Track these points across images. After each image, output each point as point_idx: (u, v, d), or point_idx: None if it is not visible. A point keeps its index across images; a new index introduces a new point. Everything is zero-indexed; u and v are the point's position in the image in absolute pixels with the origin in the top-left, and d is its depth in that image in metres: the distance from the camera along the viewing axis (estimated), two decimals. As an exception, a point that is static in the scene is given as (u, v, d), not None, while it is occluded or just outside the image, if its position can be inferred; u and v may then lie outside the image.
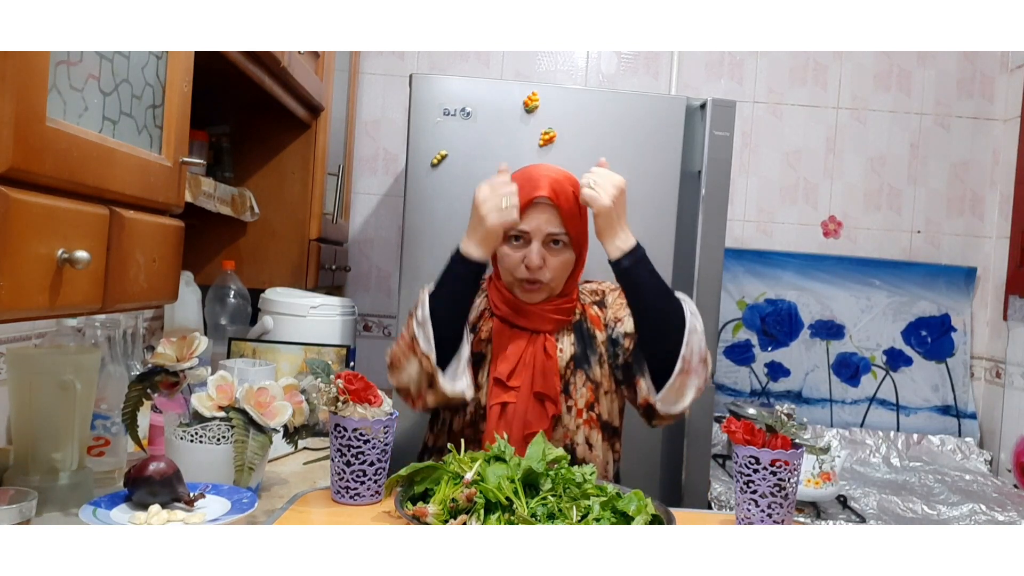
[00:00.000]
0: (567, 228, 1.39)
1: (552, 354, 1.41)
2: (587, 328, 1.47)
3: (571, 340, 1.45)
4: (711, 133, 1.99)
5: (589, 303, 1.50)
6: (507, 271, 1.42)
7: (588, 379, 1.44)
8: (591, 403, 1.43)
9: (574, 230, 1.40)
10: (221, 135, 2.02)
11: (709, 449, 2.02)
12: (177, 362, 1.27)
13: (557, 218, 1.38)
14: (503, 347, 1.41)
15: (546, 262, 1.39)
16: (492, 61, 2.73)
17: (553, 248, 1.40)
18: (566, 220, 1.38)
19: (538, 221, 1.38)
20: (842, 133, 2.77)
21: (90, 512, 1.04)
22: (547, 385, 1.39)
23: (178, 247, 1.18)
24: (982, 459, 2.59)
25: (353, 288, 2.77)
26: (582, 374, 1.43)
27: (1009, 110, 2.71)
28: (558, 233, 1.39)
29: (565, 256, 1.41)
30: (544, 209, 1.38)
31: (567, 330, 1.46)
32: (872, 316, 2.74)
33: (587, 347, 1.45)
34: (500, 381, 1.39)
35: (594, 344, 1.46)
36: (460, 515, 1.05)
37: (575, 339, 1.45)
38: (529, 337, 1.42)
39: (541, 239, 1.38)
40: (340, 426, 1.19)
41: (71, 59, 0.87)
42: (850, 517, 2.00)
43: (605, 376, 1.45)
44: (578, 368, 1.43)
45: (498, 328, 1.43)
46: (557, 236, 1.39)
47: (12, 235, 0.77)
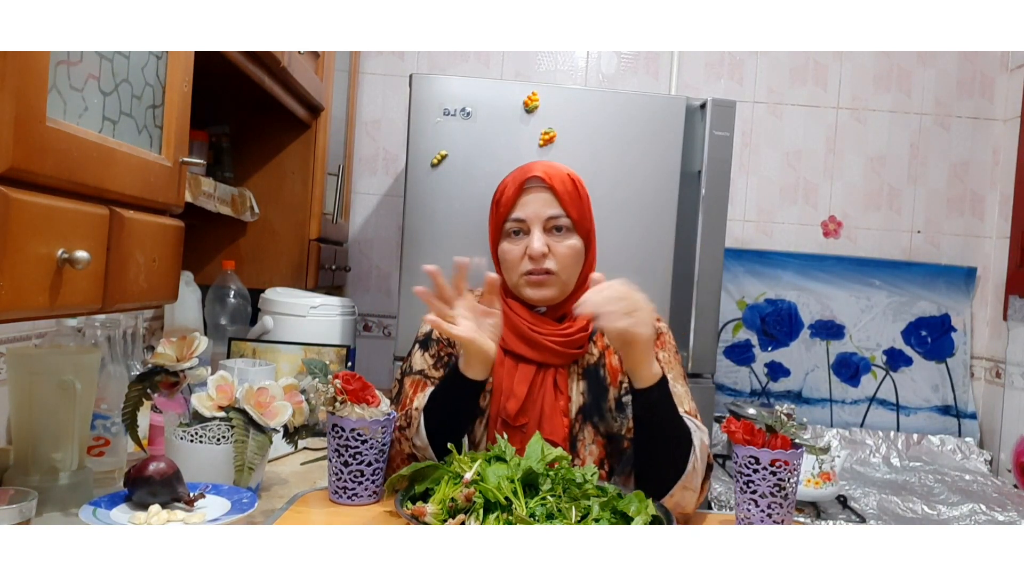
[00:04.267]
0: (567, 210, 1.29)
1: (563, 389, 1.29)
2: (602, 377, 1.32)
3: (581, 388, 1.31)
4: (711, 133, 1.99)
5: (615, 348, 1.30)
6: (511, 270, 1.31)
7: (598, 434, 1.30)
8: (601, 459, 1.30)
9: (576, 212, 1.30)
10: (221, 135, 2.02)
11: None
12: (177, 362, 1.27)
13: (554, 199, 1.28)
14: (508, 381, 1.28)
15: (551, 249, 1.28)
16: (492, 61, 2.73)
17: (556, 234, 1.29)
18: (564, 201, 1.28)
19: (534, 206, 1.29)
20: (842, 133, 2.77)
21: (90, 512, 1.04)
22: (554, 428, 1.26)
23: (178, 247, 1.18)
24: (982, 459, 2.59)
25: (353, 288, 2.77)
26: (591, 429, 1.29)
27: (1009, 110, 2.71)
28: (558, 216, 1.29)
29: (571, 241, 1.30)
30: (538, 192, 1.29)
31: (579, 374, 1.31)
32: (872, 316, 2.74)
33: (599, 398, 1.30)
34: (506, 422, 1.27)
35: (606, 397, 1.31)
36: (459, 515, 1.05)
37: (586, 387, 1.31)
38: (536, 371, 1.29)
39: (541, 224, 1.29)
40: (337, 426, 1.19)
41: (71, 59, 0.87)
42: (850, 517, 2.00)
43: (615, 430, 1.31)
44: (587, 421, 1.29)
45: (501, 360, 1.28)
46: (558, 220, 1.29)
47: (12, 235, 0.77)
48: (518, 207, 1.30)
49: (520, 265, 1.30)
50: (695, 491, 1.21)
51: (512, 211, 1.30)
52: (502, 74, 2.73)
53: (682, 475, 1.19)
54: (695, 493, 1.21)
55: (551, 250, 1.29)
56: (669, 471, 1.20)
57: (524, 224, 1.30)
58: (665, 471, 1.20)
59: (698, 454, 1.21)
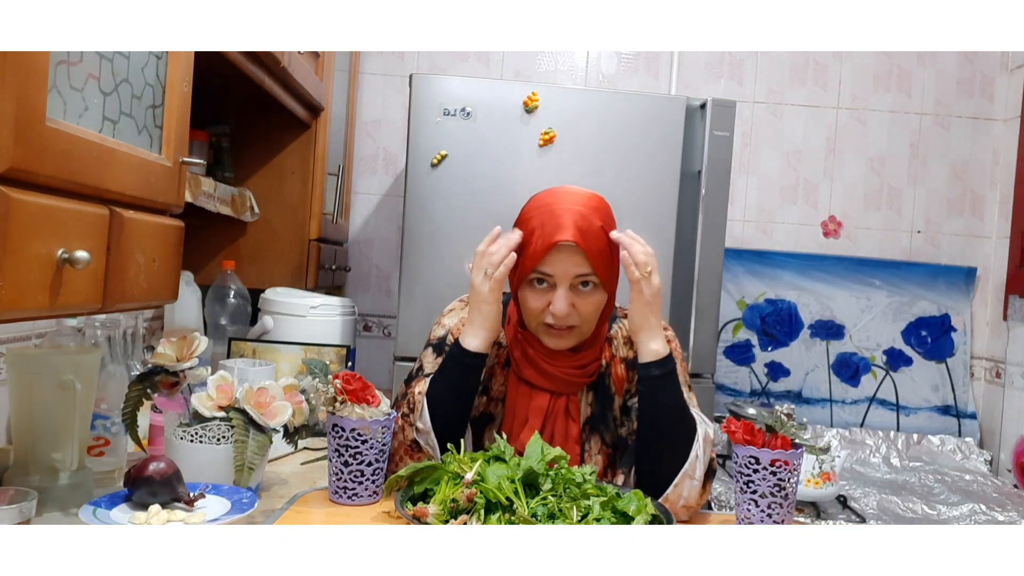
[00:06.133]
0: (596, 270, 1.23)
1: (576, 417, 1.29)
2: (608, 387, 1.33)
3: (589, 399, 1.32)
4: (711, 133, 1.99)
5: (620, 357, 1.34)
6: (531, 316, 1.27)
7: (604, 444, 1.32)
8: (605, 469, 1.32)
9: (604, 272, 1.24)
10: (221, 135, 2.02)
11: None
12: (177, 362, 1.27)
13: (584, 260, 1.21)
14: (522, 409, 1.28)
15: (575, 307, 1.23)
16: (492, 61, 2.73)
17: (582, 291, 1.24)
18: (594, 262, 1.22)
19: (564, 265, 1.22)
20: (842, 133, 2.77)
21: (90, 512, 1.04)
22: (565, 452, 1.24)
23: (178, 247, 1.18)
24: (982, 459, 2.59)
25: (353, 288, 2.77)
26: (597, 439, 1.32)
27: (1009, 110, 2.71)
28: (587, 274, 1.23)
29: (596, 298, 1.25)
30: (570, 252, 1.21)
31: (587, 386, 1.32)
32: (872, 316, 2.74)
33: (605, 408, 1.32)
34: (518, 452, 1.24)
35: (612, 407, 1.32)
36: (460, 515, 1.05)
37: (594, 398, 1.32)
38: (550, 399, 1.28)
39: (567, 283, 1.23)
40: (337, 426, 1.19)
41: (71, 59, 0.87)
42: (850, 517, 2.00)
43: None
44: (594, 432, 1.31)
45: (514, 384, 1.29)
46: (586, 278, 1.23)
47: (12, 235, 0.77)
48: (546, 263, 1.23)
49: (541, 316, 1.26)
50: (699, 481, 1.22)
51: (539, 265, 1.23)
52: (502, 74, 2.73)
53: (685, 461, 1.20)
54: (699, 484, 1.22)
55: (575, 307, 1.24)
56: (672, 455, 1.21)
57: (550, 278, 1.24)
58: (668, 455, 1.22)
59: (701, 444, 1.22)
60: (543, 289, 1.25)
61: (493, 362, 1.34)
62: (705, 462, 1.23)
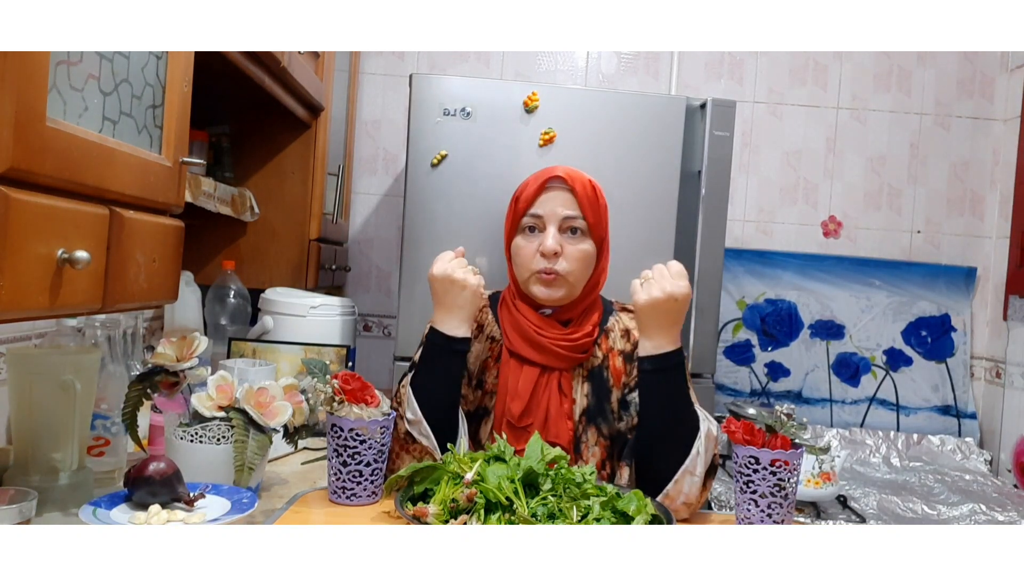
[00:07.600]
0: (584, 213, 1.31)
1: (568, 392, 1.31)
2: (605, 379, 1.34)
3: (585, 391, 1.33)
4: (711, 133, 1.99)
5: (618, 350, 1.36)
6: (522, 266, 1.33)
7: (601, 435, 1.32)
8: (603, 461, 1.32)
9: (592, 216, 1.32)
10: (221, 135, 2.02)
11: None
12: (177, 362, 1.27)
13: (573, 200, 1.31)
14: (513, 382, 1.31)
15: (563, 249, 1.30)
16: (492, 61, 2.73)
17: (571, 236, 1.31)
18: (583, 204, 1.31)
19: (552, 204, 1.31)
20: (842, 133, 2.77)
21: (90, 512, 1.04)
22: (559, 432, 1.29)
23: (178, 247, 1.18)
24: (982, 459, 2.59)
25: (353, 288, 2.77)
26: (595, 430, 1.32)
27: (1009, 110, 2.71)
28: (574, 217, 1.31)
29: (584, 246, 1.32)
30: (558, 192, 1.31)
31: (583, 376, 1.34)
32: (872, 316, 2.74)
33: (602, 400, 1.33)
34: (511, 423, 1.29)
35: (609, 399, 1.34)
36: (460, 515, 1.05)
37: (590, 389, 1.33)
38: (540, 373, 1.31)
39: (557, 223, 1.31)
40: (336, 426, 1.19)
41: (71, 59, 0.87)
42: (850, 517, 2.00)
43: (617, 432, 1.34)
44: (591, 423, 1.32)
45: (506, 360, 1.33)
46: (574, 222, 1.31)
47: (12, 235, 0.77)
48: (537, 204, 1.32)
49: (532, 262, 1.32)
50: (699, 478, 1.22)
51: (530, 207, 1.33)
52: (502, 74, 2.73)
53: (687, 457, 1.21)
54: (699, 480, 1.22)
55: (563, 250, 1.30)
56: (674, 450, 1.22)
57: (540, 221, 1.32)
58: (670, 450, 1.22)
59: (703, 440, 1.22)
60: (533, 235, 1.33)
61: (487, 355, 1.37)
62: (707, 459, 1.23)
